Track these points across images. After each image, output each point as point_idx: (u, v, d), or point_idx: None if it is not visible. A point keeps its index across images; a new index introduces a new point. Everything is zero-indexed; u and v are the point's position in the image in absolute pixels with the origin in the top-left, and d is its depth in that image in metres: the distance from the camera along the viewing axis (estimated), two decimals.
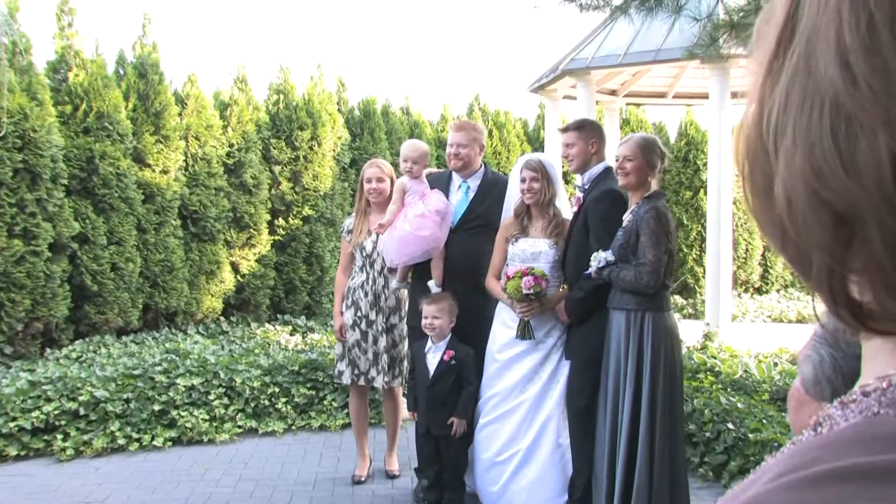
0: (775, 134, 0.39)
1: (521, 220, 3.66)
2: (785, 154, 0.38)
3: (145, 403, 4.99)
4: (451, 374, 3.65)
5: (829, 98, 0.36)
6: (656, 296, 3.22)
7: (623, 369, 3.23)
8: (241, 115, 8.27)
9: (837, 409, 0.41)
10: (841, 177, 0.36)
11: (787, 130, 0.38)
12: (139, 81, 7.51)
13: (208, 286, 7.87)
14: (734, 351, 6.34)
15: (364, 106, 9.69)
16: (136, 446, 4.82)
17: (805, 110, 0.37)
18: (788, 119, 0.38)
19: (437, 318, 3.65)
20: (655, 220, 3.16)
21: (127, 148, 7.18)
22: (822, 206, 0.37)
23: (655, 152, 3.30)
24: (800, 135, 0.37)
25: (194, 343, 6.64)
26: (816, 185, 0.37)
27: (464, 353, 3.67)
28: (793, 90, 0.38)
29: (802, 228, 0.38)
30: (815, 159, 0.37)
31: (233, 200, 8.12)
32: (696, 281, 10.57)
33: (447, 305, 3.68)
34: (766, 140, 0.40)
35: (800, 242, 0.39)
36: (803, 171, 0.37)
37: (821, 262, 0.39)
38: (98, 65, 7.11)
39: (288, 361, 5.60)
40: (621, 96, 10.04)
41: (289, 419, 5.29)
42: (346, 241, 4.30)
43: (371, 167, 4.17)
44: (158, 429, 4.93)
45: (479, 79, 49.73)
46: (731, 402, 4.54)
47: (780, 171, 0.39)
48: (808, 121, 0.37)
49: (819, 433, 0.40)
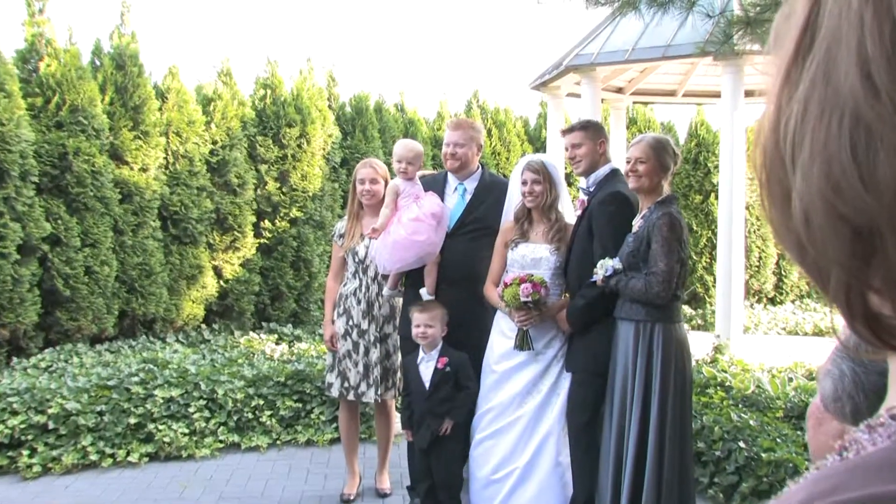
0: (793, 145, 0.39)
1: (522, 224, 3.67)
2: (802, 167, 0.39)
3: (120, 416, 4.97)
4: (448, 380, 3.69)
5: (848, 109, 0.37)
6: (667, 306, 3.23)
7: (630, 383, 3.23)
8: (225, 110, 8.27)
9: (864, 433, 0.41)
10: (859, 191, 0.36)
11: (805, 142, 0.39)
12: (117, 73, 7.51)
13: (189, 292, 7.85)
14: (746, 365, 6.35)
15: (356, 102, 9.70)
16: (109, 462, 4.79)
17: (823, 121, 0.38)
18: (806, 130, 0.38)
19: (430, 326, 3.68)
20: (669, 227, 3.17)
21: (103, 144, 7.17)
22: (840, 221, 0.38)
23: (668, 153, 3.31)
24: (817, 147, 0.38)
25: (173, 352, 6.62)
26: (834, 199, 0.37)
27: (458, 358, 3.72)
28: (811, 100, 0.38)
29: (820, 243, 0.39)
30: (833, 173, 0.37)
31: (216, 201, 8.11)
32: (707, 290, 10.59)
33: (439, 313, 3.71)
34: (783, 151, 0.40)
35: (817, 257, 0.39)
36: (820, 184, 0.38)
37: (839, 277, 0.39)
38: (72, 55, 7.09)
39: (273, 372, 5.59)
40: (628, 94, 10.07)
41: (274, 433, 5.28)
42: (336, 245, 4.30)
43: (365, 167, 4.17)
44: (134, 443, 4.91)
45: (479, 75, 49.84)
46: (742, 420, 4.55)
47: (797, 184, 0.39)
48: (827, 133, 0.37)
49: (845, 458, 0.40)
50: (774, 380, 5.68)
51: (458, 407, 3.70)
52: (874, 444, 0.40)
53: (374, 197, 4.11)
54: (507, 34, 58.20)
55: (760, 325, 9.76)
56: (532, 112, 15.93)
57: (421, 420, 3.73)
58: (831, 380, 1.04)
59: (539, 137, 11.48)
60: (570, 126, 3.76)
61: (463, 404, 3.70)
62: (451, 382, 3.69)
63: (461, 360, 3.72)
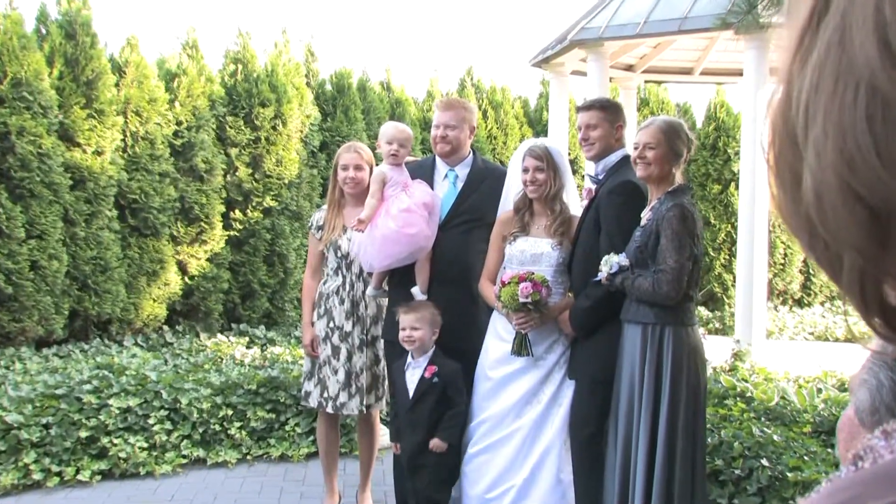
0: (805, 118, 0.40)
1: (522, 215, 3.68)
2: (814, 141, 0.39)
3: (69, 429, 4.95)
4: (434, 392, 3.65)
5: (864, 79, 0.37)
6: (678, 307, 3.25)
7: (638, 393, 3.25)
8: (190, 87, 8.24)
9: (881, 440, 0.42)
10: (876, 168, 0.37)
11: (818, 115, 0.39)
12: (66, 43, 7.46)
13: (150, 289, 7.83)
14: (769, 373, 6.39)
15: (337, 79, 9.69)
16: (55, 481, 4.77)
17: (838, 92, 0.38)
18: (819, 102, 0.39)
19: (417, 328, 3.65)
20: (679, 220, 3.18)
21: (51, 123, 7.13)
22: (855, 201, 0.38)
23: (681, 138, 3.32)
24: (831, 120, 0.38)
25: (131, 357, 6.60)
26: (849, 176, 0.38)
27: (449, 369, 3.68)
28: (825, 69, 0.39)
29: (833, 225, 0.39)
30: (848, 148, 0.38)
31: (180, 188, 8.09)
32: (725, 290, 10.64)
33: (427, 314, 3.68)
34: (794, 125, 0.41)
35: (830, 241, 0.40)
36: (834, 160, 0.38)
37: (852, 263, 0.40)
38: (13, 21, 7.02)
39: (244, 379, 5.59)
40: (639, 72, 10.09)
41: (243, 447, 5.28)
42: (314, 238, 4.30)
43: (348, 152, 4.17)
44: (85, 460, 4.89)
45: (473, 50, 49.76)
46: (765, 435, 4.57)
47: (809, 160, 0.40)
48: (841, 104, 0.38)
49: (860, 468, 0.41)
50: (801, 390, 5.71)
51: (445, 428, 3.63)
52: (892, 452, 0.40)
53: (359, 185, 4.11)
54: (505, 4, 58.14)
55: (785, 330, 9.82)
56: (532, 92, 15.93)
57: (403, 433, 3.73)
58: (867, 390, 1.04)
59: (540, 120, 11.49)
60: (588, 103, 3.76)
61: (450, 424, 3.64)
62: (438, 395, 3.64)
63: (452, 372, 3.68)
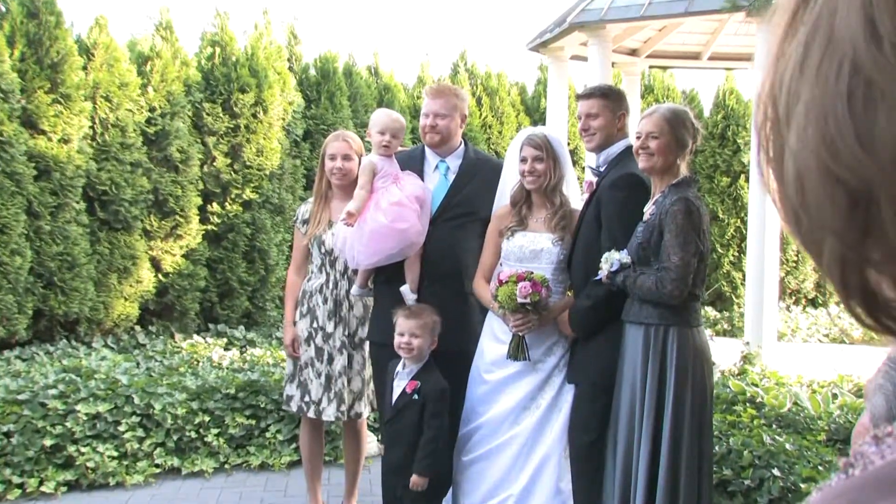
0: (788, 96, 0.41)
1: (520, 209, 3.69)
2: (797, 122, 0.40)
3: (33, 437, 4.93)
4: (413, 409, 3.58)
5: (848, 58, 0.38)
6: (683, 307, 3.26)
7: (640, 398, 3.27)
8: (164, 71, 8.22)
9: (871, 446, 0.43)
10: (854, 150, 0.38)
11: (802, 93, 0.40)
12: (28, 22, 7.41)
13: (121, 287, 7.81)
14: (781, 378, 6.41)
15: (322, 64, 9.68)
16: (16, 493, 4.75)
17: (822, 70, 0.39)
18: (804, 80, 0.40)
19: (417, 336, 3.59)
20: (684, 214, 3.19)
21: (13, 108, 7.09)
22: (835, 184, 0.39)
23: (686, 128, 3.33)
24: (814, 99, 0.39)
25: (101, 359, 6.58)
26: (828, 158, 0.39)
27: (432, 387, 3.59)
28: (812, 45, 0.40)
29: (814, 210, 0.41)
30: (829, 128, 0.39)
31: (154, 179, 8.06)
32: (734, 289, 10.69)
33: (430, 322, 3.62)
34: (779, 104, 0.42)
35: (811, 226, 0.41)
36: (815, 142, 0.39)
37: (832, 248, 0.41)
38: None
39: (221, 383, 5.59)
40: (643, 57, 10.11)
41: (221, 455, 5.28)
42: (299, 233, 4.29)
43: (337, 140, 4.17)
44: (49, 470, 4.88)
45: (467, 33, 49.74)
46: (777, 443, 4.59)
47: (790, 141, 0.41)
48: (824, 82, 0.39)
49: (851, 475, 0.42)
50: (815, 396, 5.73)
51: (420, 459, 3.54)
52: (882, 458, 0.41)
53: (347, 176, 4.11)
54: None
55: (798, 331, 9.86)
56: (530, 78, 15.94)
57: (385, 444, 3.70)
58: (883, 396, 1.05)
59: (538, 108, 11.50)
60: (588, 90, 3.77)
61: (424, 454, 3.54)
62: (419, 412, 3.58)
63: (435, 391, 3.58)
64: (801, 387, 6.20)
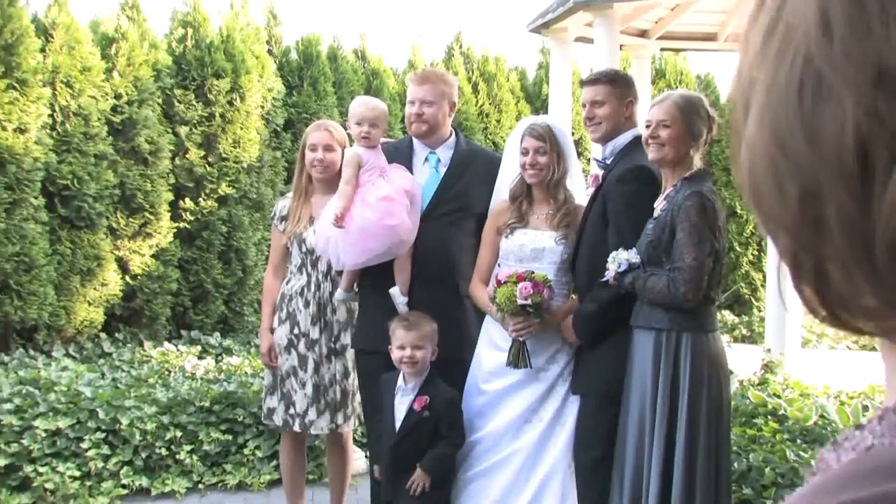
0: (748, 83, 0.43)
1: (520, 204, 3.70)
2: (754, 109, 0.42)
3: None
4: (425, 429, 3.57)
5: (802, 48, 0.40)
6: (697, 311, 3.27)
7: (650, 411, 3.28)
8: (131, 54, 8.20)
9: (830, 452, 0.46)
10: (801, 144, 0.40)
11: (759, 82, 0.42)
12: None
13: (84, 291, 7.80)
14: (805, 388, 6.42)
15: (304, 47, 9.68)
16: None
17: (778, 59, 0.41)
18: (762, 68, 0.42)
19: (420, 347, 3.56)
20: (698, 211, 3.21)
21: None
22: (785, 179, 0.41)
23: (700, 116, 3.35)
24: (769, 88, 0.41)
25: (62, 370, 6.57)
26: (776, 151, 0.41)
27: (444, 399, 3.59)
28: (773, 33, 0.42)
29: (765, 203, 0.43)
30: (779, 121, 0.41)
31: (120, 173, 8.05)
32: (753, 291, 10.71)
33: (430, 331, 3.60)
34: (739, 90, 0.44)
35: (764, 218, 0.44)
36: (768, 132, 0.41)
37: (784, 244, 0.43)
38: None
39: (195, 395, 5.59)
40: (654, 38, 10.11)
41: (195, 474, 5.28)
42: (277, 231, 4.30)
43: (318, 130, 4.19)
44: (3, 493, 4.87)
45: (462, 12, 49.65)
46: (802, 459, 4.60)
47: (746, 133, 0.43)
48: (780, 73, 0.41)
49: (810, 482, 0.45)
50: (843, 408, 5.73)
51: (429, 459, 3.56)
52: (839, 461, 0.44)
53: (329, 169, 4.12)
54: None
55: (824, 337, 9.87)
56: (530, 62, 15.95)
57: (386, 470, 3.69)
58: None
59: (539, 94, 11.52)
60: (593, 76, 3.79)
61: (441, 455, 3.59)
62: (430, 431, 3.57)
63: (448, 403, 3.59)
64: (828, 398, 6.21)
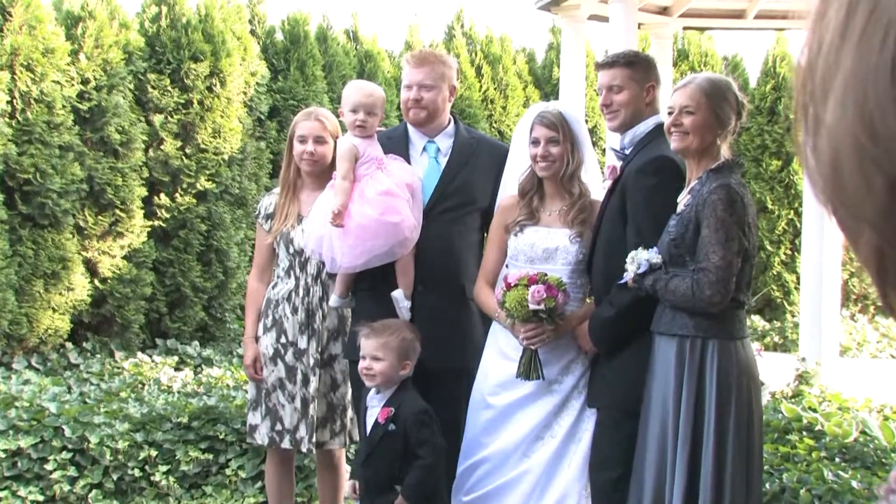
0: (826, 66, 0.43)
1: (530, 199, 3.70)
2: (835, 95, 0.42)
3: None
4: (392, 444, 3.56)
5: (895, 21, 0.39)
6: (724, 316, 3.28)
7: (673, 425, 3.28)
8: (99, 35, 8.20)
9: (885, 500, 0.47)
10: (893, 129, 0.40)
11: (841, 64, 0.42)
12: None
13: (48, 296, 7.80)
14: (844, 401, 6.42)
15: (290, 27, 9.68)
16: None
17: (865, 39, 0.41)
18: (844, 48, 0.42)
19: (378, 359, 3.55)
20: (726, 205, 3.21)
21: None
22: (872, 168, 0.41)
23: (728, 101, 3.36)
24: (854, 71, 0.41)
25: (23, 383, 6.59)
26: (866, 139, 0.41)
27: (410, 410, 3.56)
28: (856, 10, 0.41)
29: (849, 196, 0.43)
30: (868, 105, 0.40)
31: (88, 166, 8.06)
32: (787, 295, 10.71)
33: (395, 341, 3.57)
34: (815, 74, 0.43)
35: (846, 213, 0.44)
36: (853, 119, 0.41)
37: (869, 240, 0.43)
38: None
39: (172, 410, 5.60)
40: (676, 16, 10.11)
41: (171, 497, 5.28)
42: (262, 230, 4.31)
43: (307, 120, 4.19)
44: None
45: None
46: (841, 480, 4.60)
47: (826, 117, 0.43)
48: (867, 53, 0.40)
49: None
50: (887, 423, 5.73)
51: (408, 485, 3.54)
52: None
53: (319, 162, 4.13)
54: None
55: (865, 345, 9.87)
56: (539, 43, 15.95)
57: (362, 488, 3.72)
58: None
59: (550, 78, 11.52)
60: (610, 58, 3.79)
61: (417, 481, 3.54)
62: (398, 447, 3.56)
63: (414, 414, 3.56)
64: (870, 412, 6.21)
